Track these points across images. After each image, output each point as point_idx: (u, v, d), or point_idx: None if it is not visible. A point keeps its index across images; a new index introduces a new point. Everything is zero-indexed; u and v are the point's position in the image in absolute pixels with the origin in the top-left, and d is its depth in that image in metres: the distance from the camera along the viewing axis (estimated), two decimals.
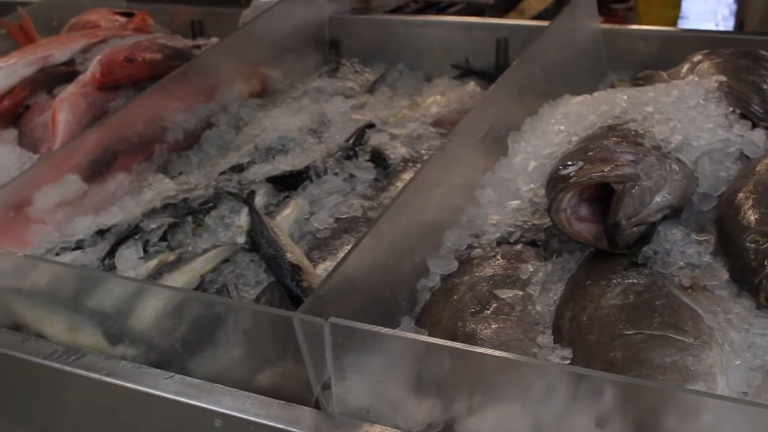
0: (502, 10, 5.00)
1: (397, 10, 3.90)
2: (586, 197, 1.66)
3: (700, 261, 1.57)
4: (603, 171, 1.63)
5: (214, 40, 2.86)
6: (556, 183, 1.65)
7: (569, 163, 1.68)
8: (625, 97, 2.02)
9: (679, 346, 1.37)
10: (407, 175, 2.12)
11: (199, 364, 1.54)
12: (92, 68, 2.44)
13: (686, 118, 1.85)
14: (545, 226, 1.78)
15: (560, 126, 2.02)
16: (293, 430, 1.40)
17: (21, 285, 1.74)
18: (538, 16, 5.45)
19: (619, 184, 1.59)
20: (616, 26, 2.71)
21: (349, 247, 1.87)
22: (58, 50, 2.62)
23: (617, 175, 1.61)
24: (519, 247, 1.74)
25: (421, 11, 4.27)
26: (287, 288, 1.71)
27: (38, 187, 2.01)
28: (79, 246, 1.93)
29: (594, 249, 1.66)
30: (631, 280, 1.53)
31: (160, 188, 2.10)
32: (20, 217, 1.97)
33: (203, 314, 1.52)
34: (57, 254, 1.92)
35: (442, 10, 4.42)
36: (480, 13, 4.61)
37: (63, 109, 2.35)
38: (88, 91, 2.43)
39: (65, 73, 2.59)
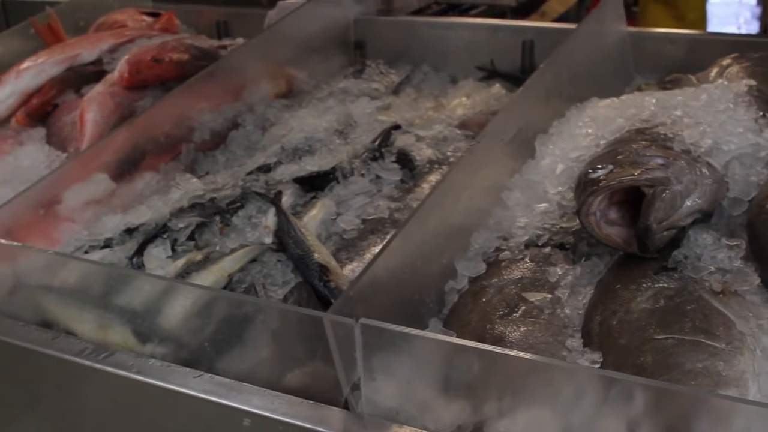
0: (523, 13, 5.00)
1: (418, 12, 3.91)
2: (615, 201, 1.65)
3: (731, 266, 1.56)
4: (633, 174, 1.62)
5: (240, 40, 2.87)
6: (585, 186, 1.65)
7: (599, 166, 1.68)
8: (654, 101, 2.01)
9: (710, 351, 1.36)
10: (433, 177, 2.12)
11: (228, 363, 1.55)
12: (120, 68, 2.45)
13: (716, 122, 1.84)
14: (573, 229, 1.78)
15: (588, 129, 2.02)
16: (322, 430, 1.40)
17: (51, 282, 1.75)
18: (559, 19, 5.45)
19: (649, 188, 1.58)
20: (643, 29, 2.70)
21: (375, 248, 1.88)
22: (86, 50, 2.64)
23: (648, 179, 1.60)
24: (547, 250, 1.74)
25: (442, 13, 4.28)
26: (315, 288, 1.72)
27: (67, 185, 2.03)
28: (107, 244, 1.95)
29: (623, 253, 1.66)
30: (661, 285, 1.52)
31: (188, 188, 2.11)
32: (50, 215, 1.99)
33: (233, 313, 1.53)
34: (86, 252, 1.93)
35: (463, 12, 4.42)
36: (502, 15, 4.61)
37: (91, 108, 2.36)
38: (115, 91, 2.45)
39: (93, 73, 2.61)
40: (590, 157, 1.86)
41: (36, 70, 2.54)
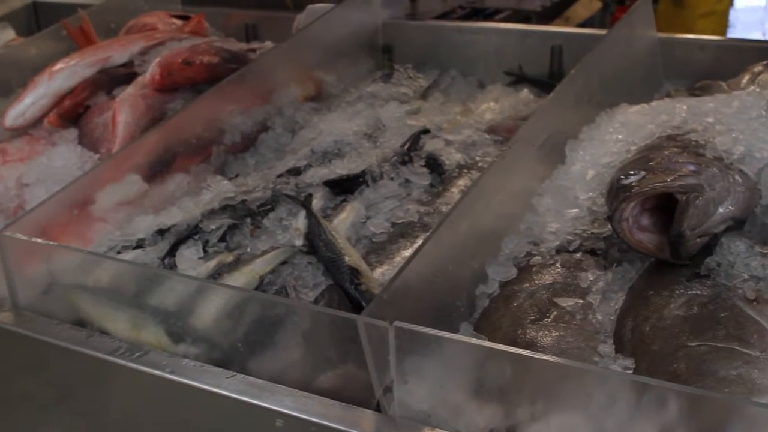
0: (548, 18, 5.00)
1: (443, 16, 3.92)
2: (647, 207, 1.65)
3: (765, 274, 1.56)
4: (666, 181, 1.62)
5: (268, 43, 2.89)
6: (617, 192, 1.65)
7: (631, 172, 1.68)
8: (685, 107, 2.01)
9: (744, 358, 1.36)
10: (462, 182, 2.13)
11: (260, 364, 1.57)
12: (151, 70, 2.47)
13: (748, 129, 1.83)
14: (605, 235, 1.78)
15: (618, 135, 2.02)
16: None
17: (85, 282, 1.78)
18: (584, 24, 5.44)
19: (682, 195, 1.58)
20: (673, 35, 2.69)
21: (405, 251, 1.89)
22: (118, 52, 2.66)
23: (681, 186, 1.60)
24: (578, 255, 1.74)
25: (467, 17, 4.29)
26: (345, 291, 1.73)
27: (101, 186, 2.05)
28: (139, 245, 1.97)
29: (655, 259, 1.66)
30: (694, 292, 1.52)
31: (219, 189, 2.13)
32: (83, 215, 2.01)
33: (267, 315, 1.54)
34: (118, 252, 1.95)
35: (488, 17, 4.43)
36: (526, 20, 4.62)
37: (123, 110, 2.38)
38: (146, 93, 2.47)
39: (124, 75, 2.63)
40: (621, 163, 1.86)
41: (69, 72, 2.56)
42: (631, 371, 1.43)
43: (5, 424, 1.96)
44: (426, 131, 2.36)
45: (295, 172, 2.19)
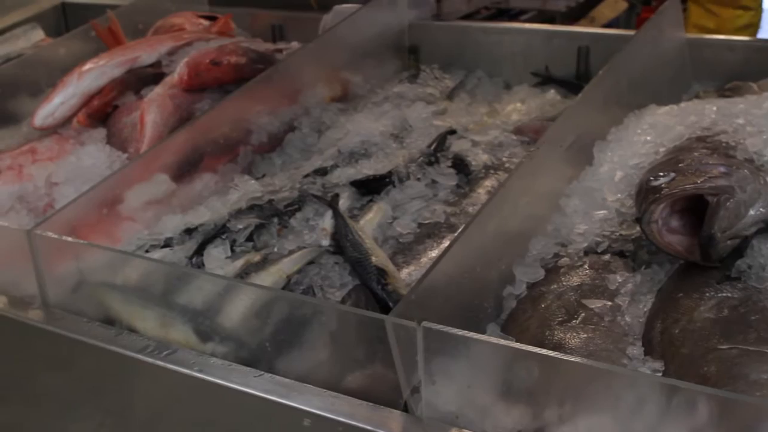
0: (572, 18, 4.98)
1: (468, 17, 3.91)
2: (677, 209, 1.64)
3: None
4: (696, 183, 1.61)
5: (295, 44, 2.90)
6: (647, 194, 1.64)
7: (660, 174, 1.67)
8: (714, 109, 1.99)
9: None
10: (489, 182, 2.13)
11: (288, 363, 1.57)
12: (179, 70, 2.49)
13: None
14: (633, 237, 1.77)
15: (647, 136, 2.01)
16: None
17: (115, 280, 1.79)
18: (609, 24, 5.41)
19: (713, 197, 1.57)
20: (702, 36, 2.67)
21: (432, 252, 1.89)
22: (146, 52, 2.68)
23: (711, 187, 1.59)
24: (607, 257, 1.73)
25: (491, 18, 4.28)
26: (372, 291, 1.73)
27: (130, 186, 2.06)
28: (167, 244, 1.98)
29: (684, 261, 1.65)
30: (725, 294, 1.51)
31: (246, 189, 2.14)
32: (112, 214, 2.03)
33: (295, 314, 1.55)
34: (146, 251, 1.97)
35: (513, 18, 4.42)
36: (551, 20, 4.60)
37: (151, 110, 2.40)
38: (174, 93, 2.48)
39: (152, 75, 2.65)
40: (650, 165, 1.85)
41: (97, 72, 2.58)
42: (660, 374, 1.42)
43: (34, 420, 1.98)
44: (452, 132, 2.36)
45: (322, 172, 2.20)
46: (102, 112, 2.57)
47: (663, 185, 1.63)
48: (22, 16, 3.44)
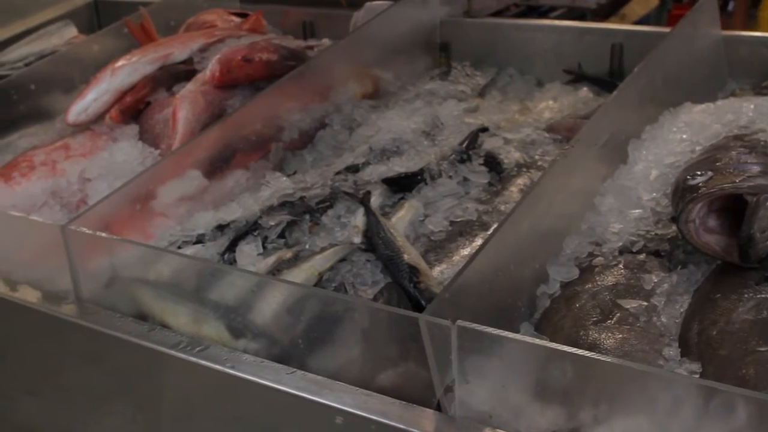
0: (602, 15, 4.94)
1: (498, 14, 3.89)
2: (714, 208, 1.62)
3: None
4: (735, 182, 1.58)
5: (326, 41, 2.90)
6: (684, 193, 1.62)
7: (698, 173, 1.64)
8: (752, 107, 1.97)
9: None
10: (521, 180, 2.11)
11: (320, 360, 1.57)
12: (211, 67, 2.49)
13: None
14: (669, 237, 1.75)
15: (682, 135, 1.99)
16: (415, 431, 1.40)
17: (147, 276, 1.80)
18: (639, 21, 5.36)
19: (752, 196, 1.55)
20: (738, 33, 2.63)
21: (464, 250, 1.88)
22: (178, 49, 2.69)
23: (750, 187, 1.57)
24: (642, 256, 1.71)
25: (521, 15, 4.25)
26: (404, 289, 1.72)
27: (162, 182, 2.07)
28: (199, 240, 1.99)
29: (722, 262, 1.62)
30: (763, 295, 1.48)
31: (278, 186, 2.14)
32: (145, 210, 2.03)
33: (328, 312, 1.54)
34: (179, 247, 1.97)
35: (542, 15, 4.39)
36: (581, 17, 4.56)
37: (183, 107, 2.40)
38: (206, 90, 2.48)
39: (184, 72, 2.66)
40: (686, 164, 1.83)
41: (130, 69, 2.59)
42: (697, 376, 1.40)
43: (67, 414, 1.99)
44: (484, 129, 2.34)
45: (354, 169, 2.20)
46: (134, 109, 2.58)
47: (700, 184, 1.61)
48: (56, 13, 3.47)
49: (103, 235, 1.83)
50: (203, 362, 1.62)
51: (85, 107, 2.54)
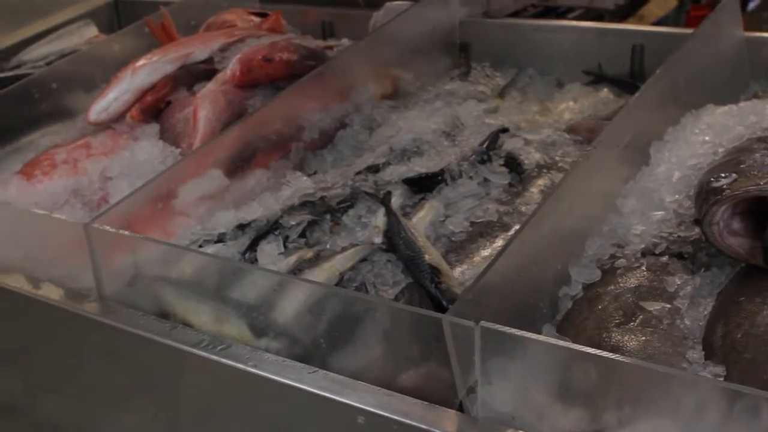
0: (620, 16, 4.92)
1: (515, 15, 3.88)
2: (738, 211, 1.61)
3: None
4: (759, 184, 1.57)
5: (345, 41, 2.90)
6: (708, 195, 1.61)
7: (722, 175, 1.63)
8: None
9: None
10: (542, 181, 2.11)
11: (342, 360, 1.57)
12: (232, 66, 2.50)
13: None
14: (692, 239, 1.74)
15: (705, 136, 1.98)
16: (437, 431, 1.41)
17: (170, 274, 1.80)
18: (658, 22, 5.34)
19: None
20: (760, 34, 2.61)
21: (485, 251, 1.87)
22: (198, 48, 2.69)
23: None
24: (665, 258, 1.70)
25: (539, 16, 4.24)
26: (426, 289, 1.72)
27: (183, 181, 2.07)
28: (220, 239, 1.99)
29: (745, 264, 1.62)
30: None
31: (298, 186, 2.14)
32: (166, 209, 2.04)
33: (350, 311, 1.54)
34: (200, 246, 1.98)
35: (560, 15, 4.37)
36: (599, 18, 4.55)
37: (204, 106, 2.41)
38: (227, 89, 2.49)
39: (204, 71, 2.66)
40: (709, 165, 1.82)
41: (151, 68, 2.60)
42: (722, 379, 1.39)
43: (89, 412, 2.00)
44: (505, 130, 2.34)
45: (374, 169, 2.20)
46: (155, 108, 2.59)
47: (724, 186, 1.60)
48: (76, 12, 3.48)
49: (126, 233, 1.83)
50: (225, 361, 1.62)
51: (106, 106, 2.56)
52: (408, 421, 1.43)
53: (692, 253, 1.72)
